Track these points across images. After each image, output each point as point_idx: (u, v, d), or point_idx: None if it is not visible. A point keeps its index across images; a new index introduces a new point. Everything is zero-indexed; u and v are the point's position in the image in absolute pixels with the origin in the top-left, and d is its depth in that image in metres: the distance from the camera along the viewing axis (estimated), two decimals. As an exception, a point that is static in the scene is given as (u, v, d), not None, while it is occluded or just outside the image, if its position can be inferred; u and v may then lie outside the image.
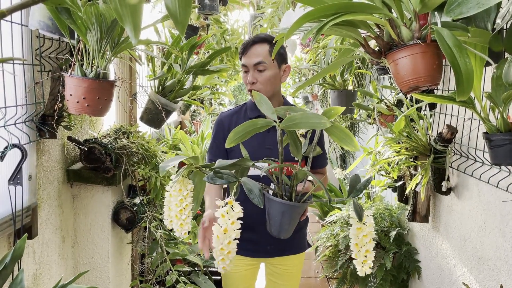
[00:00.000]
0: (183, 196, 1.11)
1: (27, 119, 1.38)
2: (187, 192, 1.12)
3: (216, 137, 1.72)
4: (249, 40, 1.63)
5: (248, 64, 1.59)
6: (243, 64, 1.61)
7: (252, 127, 1.09)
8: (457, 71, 0.86)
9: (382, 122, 2.20)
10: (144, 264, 2.24)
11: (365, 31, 1.01)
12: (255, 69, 1.59)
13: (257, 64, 1.58)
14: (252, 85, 1.59)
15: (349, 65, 2.59)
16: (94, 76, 1.21)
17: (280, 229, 1.18)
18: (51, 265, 1.67)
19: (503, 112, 1.10)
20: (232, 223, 1.06)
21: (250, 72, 1.60)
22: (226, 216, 1.05)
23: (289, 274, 1.81)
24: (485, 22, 1.02)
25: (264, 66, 1.59)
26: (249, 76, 1.59)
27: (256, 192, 1.07)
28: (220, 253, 1.07)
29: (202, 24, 3.04)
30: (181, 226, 1.12)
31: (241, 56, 1.63)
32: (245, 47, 1.61)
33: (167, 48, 1.73)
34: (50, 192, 1.64)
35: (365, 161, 3.08)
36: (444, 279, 2.10)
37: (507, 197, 1.55)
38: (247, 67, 1.60)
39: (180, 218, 1.11)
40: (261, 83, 1.60)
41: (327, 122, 1.03)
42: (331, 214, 3.00)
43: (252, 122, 1.09)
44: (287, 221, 1.17)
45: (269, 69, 1.60)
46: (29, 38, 1.38)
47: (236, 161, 1.13)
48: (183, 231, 1.13)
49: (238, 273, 1.75)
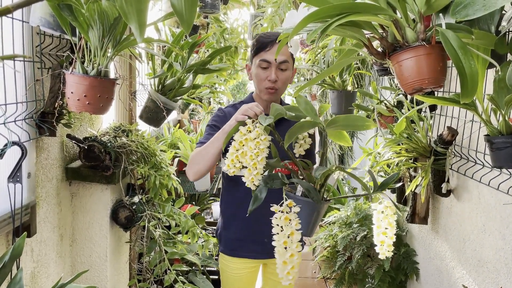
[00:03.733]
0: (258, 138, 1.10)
1: (27, 117, 1.37)
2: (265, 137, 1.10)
3: (215, 127, 1.64)
4: (270, 36, 1.57)
5: (273, 61, 1.54)
6: (264, 60, 1.55)
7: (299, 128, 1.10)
8: (461, 73, 0.86)
9: (382, 123, 2.20)
10: (142, 263, 2.23)
11: (369, 31, 1.01)
12: (278, 67, 1.56)
13: (282, 63, 1.55)
14: (274, 83, 1.56)
15: (348, 65, 2.58)
16: (95, 74, 1.20)
17: (312, 228, 1.16)
18: (49, 263, 1.66)
19: (505, 114, 1.09)
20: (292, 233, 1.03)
21: (272, 70, 1.55)
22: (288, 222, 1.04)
23: None
24: (488, 24, 1.01)
25: (287, 66, 1.57)
26: (272, 74, 1.54)
27: (313, 191, 1.07)
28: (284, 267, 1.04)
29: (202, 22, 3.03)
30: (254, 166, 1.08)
31: (261, 51, 1.57)
32: (268, 43, 1.55)
33: (168, 46, 1.72)
34: (48, 190, 1.63)
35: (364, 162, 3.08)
36: (443, 281, 2.10)
37: (507, 200, 1.55)
38: (269, 63, 1.55)
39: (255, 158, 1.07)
40: (282, 82, 1.57)
41: (371, 124, 1.05)
42: (330, 215, 3.00)
43: (300, 123, 1.09)
44: (318, 220, 1.16)
45: (289, 69, 1.59)
46: (29, 35, 1.37)
47: (271, 162, 1.14)
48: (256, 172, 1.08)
49: (239, 276, 1.74)
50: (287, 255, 1.02)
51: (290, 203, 1.04)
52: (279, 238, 1.03)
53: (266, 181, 1.09)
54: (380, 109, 2.26)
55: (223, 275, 1.77)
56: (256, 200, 1.09)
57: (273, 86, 1.56)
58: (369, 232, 2.57)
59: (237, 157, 1.09)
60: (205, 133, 1.65)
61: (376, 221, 1.16)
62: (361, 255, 2.50)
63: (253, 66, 1.62)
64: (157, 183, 2.00)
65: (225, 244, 1.74)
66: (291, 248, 1.02)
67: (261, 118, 1.12)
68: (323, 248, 2.80)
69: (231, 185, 1.69)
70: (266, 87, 1.57)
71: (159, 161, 2.07)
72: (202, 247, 2.40)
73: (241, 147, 1.10)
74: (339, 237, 2.67)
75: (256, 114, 1.24)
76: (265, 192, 1.09)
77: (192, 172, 1.51)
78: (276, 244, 1.03)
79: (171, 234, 2.15)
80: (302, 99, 1.14)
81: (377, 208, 1.17)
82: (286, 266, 1.02)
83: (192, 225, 2.33)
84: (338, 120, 1.07)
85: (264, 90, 1.59)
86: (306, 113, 1.12)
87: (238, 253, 1.71)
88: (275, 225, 1.04)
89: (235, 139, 1.11)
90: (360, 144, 3.82)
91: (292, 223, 1.03)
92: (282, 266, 1.02)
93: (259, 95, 1.65)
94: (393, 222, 1.14)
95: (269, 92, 1.58)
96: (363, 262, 2.53)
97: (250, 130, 1.10)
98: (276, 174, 1.11)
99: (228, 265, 1.73)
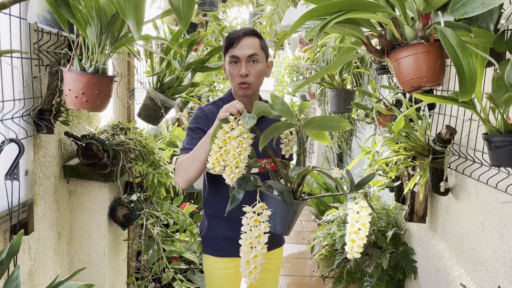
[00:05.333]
0: (242, 136, 1.09)
1: (25, 114, 1.37)
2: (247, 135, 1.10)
3: (198, 129, 1.60)
4: (237, 32, 1.58)
5: (241, 55, 1.54)
6: (233, 56, 1.55)
7: (275, 129, 1.10)
8: (460, 72, 0.86)
9: (380, 122, 2.20)
10: (140, 262, 2.23)
11: (368, 29, 1.01)
12: (248, 61, 1.55)
13: (251, 56, 1.54)
14: (245, 78, 1.55)
15: (348, 64, 2.58)
16: (93, 71, 1.20)
17: (289, 227, 1.17)
18: (47, 261, 1.66)
19: (503, 113, 1.09)
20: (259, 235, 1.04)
21: (242, 64, 1.55)
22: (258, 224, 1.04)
23: (274, 268, 1.83)
24: (487, 22, 1.01)
25: (257, 58, 1.56)
26: (243, 68, 1.54)
27: (286, 194, 1.07)
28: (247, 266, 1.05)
29: (201, 21, 3.03)
30: (236, 165, 1.08)
31: (229, 48, 1.56)
32: (235, 39, 1.56)
33: (166, 44, 1.72)
34: (46, 188, 1.63)
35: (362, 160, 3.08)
36: (441, 279, 2.11)
37: (505, 199, 1.55)
38: (238, 58, 1.55)
39: (238, 157, 1.07)
40: (253, 76, 1.56)
41: (347, 125, 1.05)
42: (328, 213, 3.00)
43: (276, 125, 1.08)
44: (295, 219, 1.17)
45: (260, 62, 1.57)
46: (27, 32, 1.36)
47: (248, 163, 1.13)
48: (238, 171, 1.08)
49: (225, 276, 1.71)
50: (251, 255, 1.03)
51: (262, 205, 1.05)
52: (246, 238, 1.04)
53: (239, 183, 1.09)
54: (379, 108, 2.26)
55: (209, 277, 1.73)
56: (234, 200, 1.09)
57: (245, 80, 1.56)
58: (368, 230, 2.57)
59: (221, 155, 1.09)
60: (186, 137, 1.60)
61: (350, 220, 1.17)
62: (360, 254, 2.50)
63: (225, 64, 1.62)
64: (155, 181, 2.00)
65: (211, 245, 1.71)
66: (256, 249, 1.04)
67: (243, 117, 1.11)
68: (322, 247, 2.80)
69: (215, 185, 1.66)
70: (238, 82, 1.57)
71: (157, 159, 2.07)
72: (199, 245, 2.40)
73: (224, 145, 1.09)
74: (337, 236, 2.67)
75: (239, 111, 1.23)
76: (242, 193, 1.09)
77: (182, 181, 1.47)
78: (243, 243, 1.05)
79: (169, 232, 2.15)
80: (279, 99, 1.14)
81: (352, 208, 1.17)
82: (249, 266, 1.04)
83: (190, 223, 2.33)
84: (314, 121, 1.09)
85: (237, 86, 1.59)
86: (283, 114, 1.12)
87: (226, 253, 1.68)
88: (244, 224, 1.05)
89: (218, 136, 1.11)
90: (359, 143, 3.82)
91: (261, 226, 1.05)
92: (245, 265, 1.04)
93: (236, 92, 1.65)
94: (367, 223, 1.15)
95: (241, 87, 1.57)
96: (361, 261, 2.53)
97: (233, 127, 1.10)
98: (248, 176, 1.10)
99: (214, 266, 1.70)
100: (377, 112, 2.26)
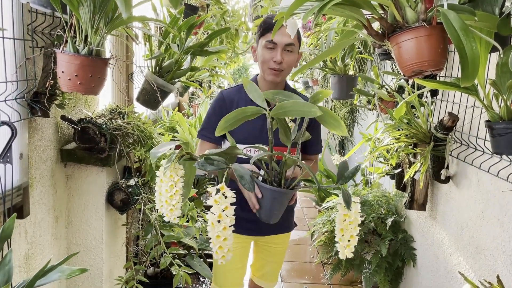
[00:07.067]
0: (173, 182, 1.09)
1: (19, 96, 1.35)
2: (177, 178, 1.10)
3: (217, 114, 1.68)
4: None
5: (280, 42, 1.56)
6: (270, 41, 1.57)
7: (242, 115, 1.11)
8: (462, 56, 0.83)
9: (382, 108, 2.17)
10: (138, 246, 2.23)
11: (368, 12, 0.98)
12: (284, 49, 1.58)
13: (288, 45, 1.57)
14: (279, 65, 1.58)
15: (350, 49, 2.54)
16: (86, 53, 1.17)
17: (270, 215, 1.21)
18: (44, 245, 1.65)
19: (507, 100, 1.06)
20: (226, 208, 1.04)
21: (278, 51, 1.57)
22: (219, 203, 1.04)
23: (278, 251, 1.89)
24: (492, 6, 0.98)
25: (293, 48, 1.59)
26: (278, 55, 1.56)
27: (247, 178, 1.09)
28: (217, 241, 1.06)
29: (202, 4, 2.97)
30: (171, 212, 1.10)
31: (267, 32, 1.58)
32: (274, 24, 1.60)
33: (165, 27, 1.69)
34: (43, 172, 1.61)
35: (363, 147, 3.06)
36: (440, 267, 2.10)
37: (507, 187, 1.53)
38: (275, 44, 1.57)
39: (170, 204, 1.09)
40: (287, 64, 1.59)
41: (317, 111, 1.03)
42: (328, 200, 2.99)
43: (242, 110, 1.10)
44: (277, 207, 1.20)
45: (295, 52, 1.61)
46: (20, 13, 1.33)
47: (226, 150, 1.15)
48: (172, 216, 1.11)
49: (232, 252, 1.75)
50: (220, 228, 1.05)
51: (222, 187, 1.06)
52: (214, 211, 1.05)
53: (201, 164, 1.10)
54: (381, 94, 2.23)
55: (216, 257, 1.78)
56: None
57: (278, 67, 1.59)
58: (367, 217, 2.56)
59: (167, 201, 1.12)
60: (205, 117, 1.74)
61: (338, 218, 1.17)
62: (359, 241, 2.49)
63: (259, 47, 1.64)
64: (154, 166, 1.98)
65: None
66: (224, 221, 1.05)
67: None
68: (321, 233, 2.79)
69: None
70: (271, 67, 1.60)
71: (155, 144, 2.05)
72: (199, 230, 2.40)
73: None
74: (337, 223, 2.66)
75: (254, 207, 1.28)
76: None
77: None
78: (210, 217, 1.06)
79: (168, 218, 2.14)
80: (252, 85, 1.16)
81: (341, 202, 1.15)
82: (218, 240, 1.06)
83: (191, 208, 2.33)
84: (286, 106, 1.08)
85: (267, 71, 1.61)
86: (254, 100, 1.14)
87: None
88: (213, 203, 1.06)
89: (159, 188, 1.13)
90: (361, 129, 3.79)
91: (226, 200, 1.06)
92: (216, 239, 1.06)
93: (263, 76, 1.67)
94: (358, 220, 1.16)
95: (273, 73, 1.60)
96: (361, 248, 2.52)
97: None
98: (210, 158, 1.11)
99: None
100: (379, 98, 2.23)
